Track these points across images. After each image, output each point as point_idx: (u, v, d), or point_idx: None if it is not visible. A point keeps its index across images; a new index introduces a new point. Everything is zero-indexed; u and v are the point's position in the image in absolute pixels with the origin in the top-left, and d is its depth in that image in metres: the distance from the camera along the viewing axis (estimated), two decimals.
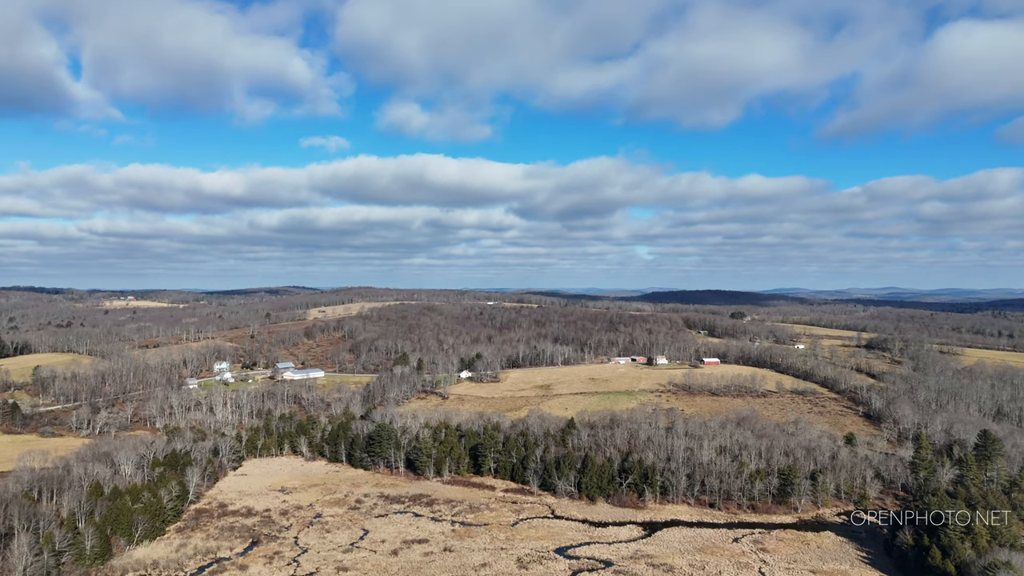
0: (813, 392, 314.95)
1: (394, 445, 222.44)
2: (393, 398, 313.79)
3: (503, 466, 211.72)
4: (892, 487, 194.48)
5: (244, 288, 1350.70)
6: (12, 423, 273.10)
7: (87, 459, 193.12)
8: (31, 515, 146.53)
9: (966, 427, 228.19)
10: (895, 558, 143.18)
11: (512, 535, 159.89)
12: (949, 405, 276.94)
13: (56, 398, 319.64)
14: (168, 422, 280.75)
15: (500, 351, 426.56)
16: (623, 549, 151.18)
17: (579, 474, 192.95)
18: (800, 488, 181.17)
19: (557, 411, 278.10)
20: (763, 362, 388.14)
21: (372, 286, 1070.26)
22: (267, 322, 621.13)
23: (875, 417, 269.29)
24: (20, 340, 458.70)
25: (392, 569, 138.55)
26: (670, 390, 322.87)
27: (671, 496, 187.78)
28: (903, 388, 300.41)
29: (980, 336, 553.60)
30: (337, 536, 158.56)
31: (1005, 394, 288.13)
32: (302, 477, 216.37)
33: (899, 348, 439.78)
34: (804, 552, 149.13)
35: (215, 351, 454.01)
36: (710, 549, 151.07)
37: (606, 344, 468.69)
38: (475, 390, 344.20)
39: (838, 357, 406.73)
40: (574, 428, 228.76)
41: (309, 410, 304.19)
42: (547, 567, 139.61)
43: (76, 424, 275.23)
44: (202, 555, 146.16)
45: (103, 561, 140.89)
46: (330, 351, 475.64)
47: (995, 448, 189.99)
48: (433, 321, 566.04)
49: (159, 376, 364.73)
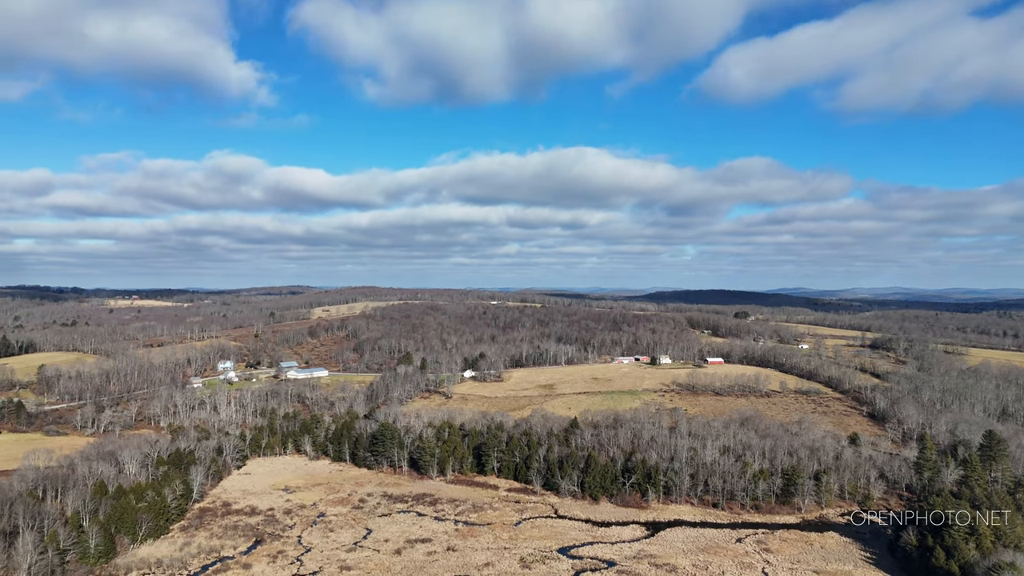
0: (817, 392, 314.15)
1: (398, 444, 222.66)
2: (397, 397, 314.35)
3: (506, 466, 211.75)
4: (896, 487, 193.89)
5: (247, 288, 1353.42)
6: (17, 422, 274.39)
7: (91, 458, 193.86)
8: (36, 513, 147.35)
9: (971, 427, 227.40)
10: (899, 559, 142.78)
11: (515, 535, 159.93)
12: (954, 405, 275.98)
13: (61, 397, 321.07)
14: (172, 421, 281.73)
15: (503, 350, 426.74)
16: (626, 549, 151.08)
17: (582, 474, 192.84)
18: (804, 488, 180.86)
19: (560, 411, 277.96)
20: (767, 362, 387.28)
21: (376, 285, 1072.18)
22: (271, 321, 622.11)
23: (879, 417, 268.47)
24: (25, 339, 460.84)
25: (395, 568, 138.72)
26: (674, 390, 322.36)
27: (674, 496, 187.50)
28: (907, 388, 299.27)
29: (985, 336, 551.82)
30: (340, 535, 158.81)
31: (1010, 394, 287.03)
32: (306, 476, 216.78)
33: (904, 348, 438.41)
34: (808, 552, 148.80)
35: (219, 350, 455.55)
36: (713, 549, 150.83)
37: (609, 344, 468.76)
38: (478, 389, 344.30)
39: (842, 357, 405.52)
40: (577, 428, 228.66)
41: (313, 409, 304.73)
42: (550, 567, 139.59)
43: (81, 423, 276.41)
44: (206, 554, 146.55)
45: (107, 560, 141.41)
46: (334, 350, 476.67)
47: (1000, 449, 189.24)
48: (437, 320, 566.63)
49: (163, 375, 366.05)
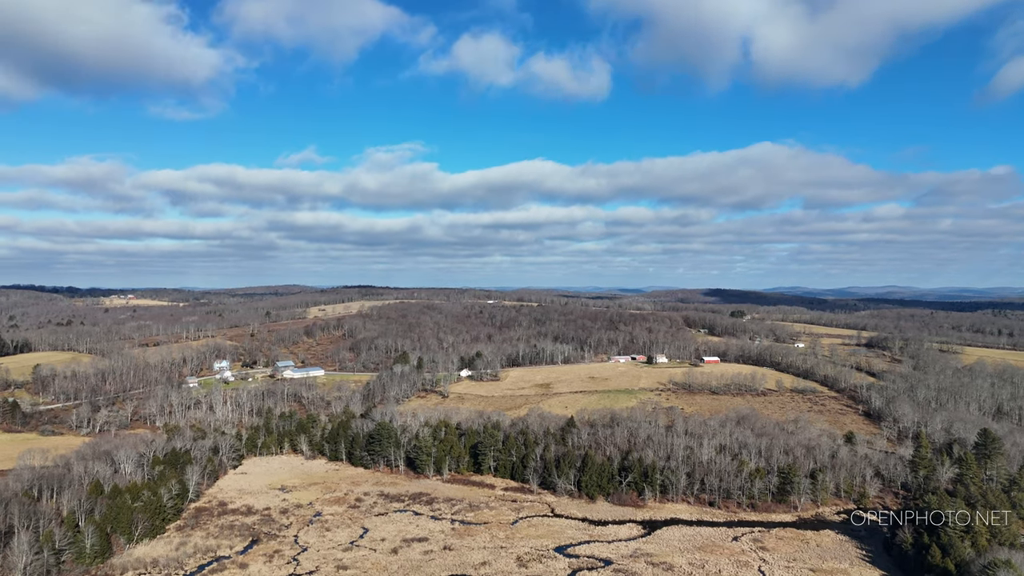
0: (813, 391, 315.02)
1: (394, 444, 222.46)
2: (393, 396, 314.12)
3: (503, 465, 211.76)
4: (892, 486, 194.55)
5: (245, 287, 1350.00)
6: (12, 421, 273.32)
7: (87, 457, 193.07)
8: (31, 513, 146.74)
9: (966, 426, 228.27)
10: (895, 557, 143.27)
11: (512, 534, 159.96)
12: (949, 404, 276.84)
13: (56, 396, 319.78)
14: (168, 420, 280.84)
15: (500, 350, 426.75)
16: (623, 548, 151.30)
17: (579, 473, 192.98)
18: (800, 487, 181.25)
19: (557, 410, 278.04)
20: (763, 361, 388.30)
21: (372, 284, 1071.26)
22: (267, 321, 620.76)
23: (875, 416, 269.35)
24: (20, 338, 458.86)
25: (392, 568, 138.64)
26: (670, 389, 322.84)
27: (671, 495, 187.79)
28: (903, 387, 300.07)
29: (980, 335, 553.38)
30: (337, 535, 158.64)
31: (1005, 393, 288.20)
32: (302, 476, 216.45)
33: (899, 347, 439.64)
34: (804, 551, 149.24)
35: (215, 349, 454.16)
36: (710, 548, 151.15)
37: (606, 343, 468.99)
38: (475, 388, 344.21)
39: (838, 356, 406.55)
40: (574, 427, 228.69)
41: (309, 408, 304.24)
42: (547, 565, 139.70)
43: (76, 422, 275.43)
44: (202, 553, 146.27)
45: (103, 559, 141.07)
46: (330, 350, 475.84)
47: (995, 447, 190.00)
48: (433, 320, 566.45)
49: (159, 374, 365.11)
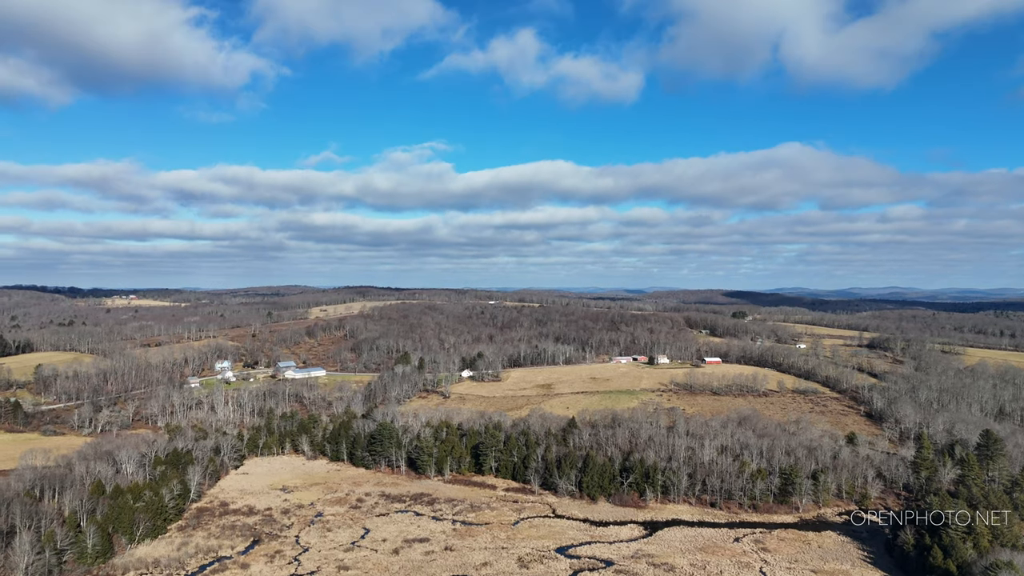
0: (815, 392, 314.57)
1: (395, 444, 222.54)
2: (395, 397, 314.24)
3: (504, 465, 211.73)
4: (894, 487, 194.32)
5: (248, 288, 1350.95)
6: (14, 421, 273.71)
7: (89, 458, 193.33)
8: (33, 513, 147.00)
9: (968, 427, 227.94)
10: (896, 558, 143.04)
11: (513, 534, 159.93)
12: (951, 405, 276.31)
13: (58, 397, 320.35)
14: (170, 421, 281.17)
15: (501, 350, 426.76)
16: (624, 548, 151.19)
17: (580, 473, 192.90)
18: (801, 488, 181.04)
19: (558, 410, 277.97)
20: (765, 361, 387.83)
21: (374, 285, 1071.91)
22: (268, 321, 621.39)
23: (877, 417, 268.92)
24: (22, 339, 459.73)
25: (393, 568, 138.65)
26: (671, 389, 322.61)
27: (672, 495, 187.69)
28: (905, 388, 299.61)
29: (982, 336, 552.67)
30: (338, 535, 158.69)
31: (1007, 394, 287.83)
32: (303, 476, 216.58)
33: (901, 348, 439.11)
34: (805, 552, 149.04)
35: (217, 350, 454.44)
36: (711, 549, 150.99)
37: (607, 343, 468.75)
38: (476, 389, 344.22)
39: (840, 357, 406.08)
40: (575, 427, 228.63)
41: (311, 409, 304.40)
42: (548, 566, 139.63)
43: (78, 423, 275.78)
44: (203, 554, 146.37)
45: (105, 559, 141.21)
46: (332, 350, 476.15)
47: (997, 448, 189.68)
48: (434, 320, 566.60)
49: (161, 375, 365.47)
